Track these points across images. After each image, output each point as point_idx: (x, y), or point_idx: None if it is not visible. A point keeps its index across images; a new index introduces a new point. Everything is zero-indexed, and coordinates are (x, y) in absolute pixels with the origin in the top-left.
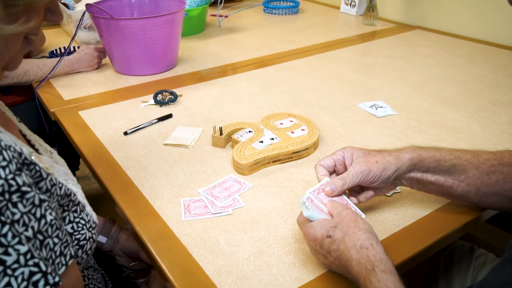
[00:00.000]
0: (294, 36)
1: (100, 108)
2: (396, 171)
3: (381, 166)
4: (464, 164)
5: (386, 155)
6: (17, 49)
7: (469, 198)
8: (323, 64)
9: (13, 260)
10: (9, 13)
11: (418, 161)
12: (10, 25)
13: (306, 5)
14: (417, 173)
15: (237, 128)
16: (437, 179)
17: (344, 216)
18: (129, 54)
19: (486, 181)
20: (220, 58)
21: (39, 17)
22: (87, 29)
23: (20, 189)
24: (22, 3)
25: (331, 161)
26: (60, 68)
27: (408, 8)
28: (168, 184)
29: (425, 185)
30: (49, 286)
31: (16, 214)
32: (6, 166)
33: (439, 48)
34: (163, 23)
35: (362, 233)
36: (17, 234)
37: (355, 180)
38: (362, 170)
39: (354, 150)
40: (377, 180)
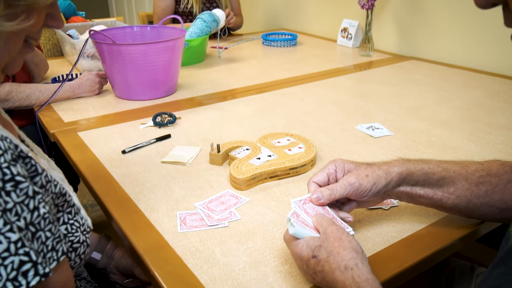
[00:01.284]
0: (292, 65)
1: (99, 130)
2: (386, 186)
3: (372, 180)
4: (453, 176)
5: (376, 169)
6: (17, 50)
7: (460, 210)
8: (320, 90)
9: (3, 248)
10: (9, 11)
11: (407, 174)
12: (10, 22)
13: (304, 38)
14: (406, 187)
15: (234, 146)
16: (426, 192)
17: (329, 234)
18: (130, 79)
19: (476, 192)
20: (219, 85)
21: (40, 19)
22: (89, 58)
23: (14, 179)
24: (24, 3)
25: (324, 175)
26: (61, 93)
27: (403, 39)
28: (164, 199)
29: (414, 198)
30: (39, 276)
31: (9, 203)
32: (1, 155)
33: (433, 76)
34: (164, 49)
35: (346, 252)
36: (8, 222)
37: (343, 192)
38: (352, 183)
39: (344, 163)
40: (367, 194)
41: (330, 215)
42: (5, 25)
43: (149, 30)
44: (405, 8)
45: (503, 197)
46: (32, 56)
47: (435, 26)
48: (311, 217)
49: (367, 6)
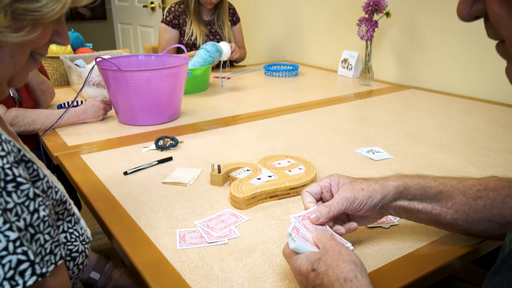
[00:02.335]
0: (293, 94)
1: (102, 153)
2: (382, 199)
3: (367, 194)
4: (450, 190)
5: (372, 182)
6: (23, 63)
7: (459, 226)
8: (320, 116)
9: (2, 247)
10: (15, 23)
11: (404, 188)
12: (15, 33)
13: (305, 69)
14: (403, 201)
15: (235, 167)
16: (425, 206)
17: (328, 248)
18: (134, 105)
19: (474, 206)
20: (221, 111)
21: (46, 34)
22: (95, 86)
23: (16, 180)
24: (30, 18)
25: (318, 187)
26: (66, 118)
27: (402, 69)
28: (164, 217)
29: (413, 213)
30: (36, 276)
31: (9, 203)
32: (4, 156)
33: (433, 104)
34: (168, 75)
35: (346, 265)
36: (8, 221)
37: (341, 207)
38: (348, 197)
39: (340, 178)
40: (363, 207)
41: (329, 231)
42: (10, 36)
43: (154, 58)
44: (403, 38)
45: (501, 212)
46: (39, 83)
47: (434, 56)
48: (311, 232)
49: (366, 37)
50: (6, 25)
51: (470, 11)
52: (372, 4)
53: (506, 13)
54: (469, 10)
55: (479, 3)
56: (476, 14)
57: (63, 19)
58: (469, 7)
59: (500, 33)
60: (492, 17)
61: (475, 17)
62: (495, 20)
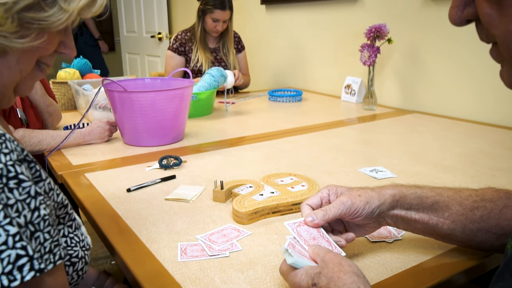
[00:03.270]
0: (297, 118)
1: (106, 171)
2: (380, 206)
3: (364, 200)
4: (447, 201)
5: (369, 190)
6: (28, 71)
7: (456, 237)
8: (324, 138)
9: (2, 241)
10: (22, 30)
11: (400, 197)
12: (21, 39)
13: (309, 94)
14: (400, 211)
15: (238, 184)
16: (421, 217)
17: (327, 261)
18: (139, 126)
19: (471, 217)
20: (226, 134)
21: (52, 43)
22: (101, 109)
23: (18, 177)
24: (37, 26)
25: (318, 199)
26: (72, 139)
27: (405, 94)
28: (166, 231)
29: (410, 223)
30: (34, 271)
31: (10, 199)
32: (8, 154)
33: (436, 127)
34: (173, 97)
35: (347, 277)
36: (8, 216)
37: (337, 212)
38: (344, 202)
39: (337, 187)
40: (360, 214)
41: (325, 238)
42: (16, 42)
43: (159, 82)
44: (405, 64)
45: (499, 223)
46: (47, 105)
47: (436, 81)
48: (307, 246)
49: (369, 62)
50: (13, 31)
51: (461, 15)
52: (374, 30)
53: (496, 12)
54: (461, 14)
55: (469, 7)
56: (467, 17)
57: (70, 30)
58: (461, 11)
59: (491, 34)
60: (483, 18)
61: (466, 21)
62: (485, 20)
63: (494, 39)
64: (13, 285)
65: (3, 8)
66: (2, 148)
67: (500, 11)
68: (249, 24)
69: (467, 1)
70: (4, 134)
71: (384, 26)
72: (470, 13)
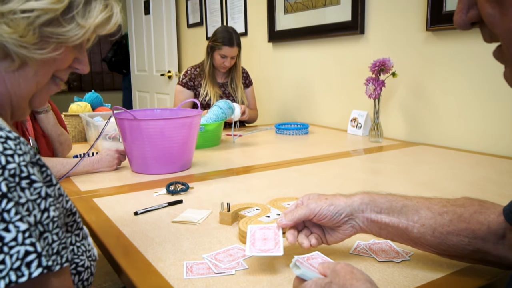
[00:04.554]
0: (304, 149)
1: (113, 197)
2: (347, 208)
3: (329, 202)
4: (416, 205)
5: (338, 195)
6: (44, 83)
7: (427, 240)
8: (331, 168)
9: (12, 238)
10: (42, 43)
11: (370, 201)
12: (41, 51)
13: (315, 128)
14: (370, 214)
15: (244, 207)
16: (391, 220)
17: (339, 270)
18: (148, 154)
19: (440, 221)
20: (233, 163)
21: (67, 58)
22: (111, 139)
23: (30, 177)
24: (55, 40)
25: (294, 205)
26: (81, 167)
27: (411, 127)
28: (172, 251)
29: (381, 227)
30: (41, 268)
31: (22, 198)
32: (22, 155)
33: (443, 158)
34: (181, 125)
35: (360, 283)
36: (19, 213)
37: (302, 212)
38: (309, 204)
39: (311, 195)
40: (326, 215)
41: (276, 240)
42: (36, 53)
43: (168, 112)
44: (410, 97)
45: (469, 226)
46: (58, 135)
47: (441, 113)
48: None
49: (374, 95)
50: (33, 42)
51: (466, 18)
52: (378, 64)
53: (498, 12)
54: (465, 17)
55: (473, 10)
56: (471, 20)
57: (85, 48)
58: (465, 14)
59: (495, 33)
60: (485, 19)
61: (471, 24)
62: (488, 21)
63: (497, 40)
64: (20, 281)
65: (26, 21)
66: (17, 150)
67: (501, 10)
68: (256, 60)
69: (470, 4)
70: (19, 137)
71: (388, 60)
72: (474, 15)
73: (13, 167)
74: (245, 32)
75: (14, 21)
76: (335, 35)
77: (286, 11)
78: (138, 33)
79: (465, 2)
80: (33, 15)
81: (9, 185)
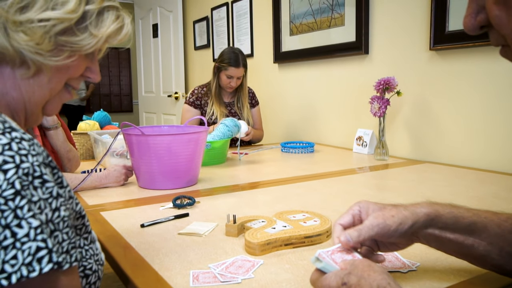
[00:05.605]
0: (310, 166)
1: (120, 210)
2: (413, 226)
3: (398, 220)
4: (484, 222)
5: (402, 209)
6: (58, 90)
7: (492, 260)
8: (336, 184)
9: (24, 233)
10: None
11: (435, 216)
12: (56, 57)
13: (320, 147)
14: (434, 230)
15: (250, 219)
16: (456, 237)
17: (357, 263)
18: (154, 169)
19: (509, 239)
20: (239, 179)
21: (80, 66)
22: (118, 156)
23: (43, 177)
24: (69, 49)
25: (350, 217)
26: (89, 182)
27: (416, 145)
28: (179, 261)
29: (443, 243)
30: (52, 263)
31: (34, 196)
32: (35, 155)
33: (449, 175)
34: (188, 141)
35: (377, 274)
36: (32, 210)
37: (371, 233)
38: (378, 223)
39: (369, 204)
40: (394, 234)
41: (357, 258)
42: (51, 60)
43: (175, 128)
44: (415, 115)
45: None
46: (67, 151)
47: (446, 131)
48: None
49: (379, 113)
50: (49, 49)
51: (475, 22)
52: (383, 83)
53: (505, 13)
54: (474, 21)
55: (481, 14)
56: (480, 23)
57: (96, 57)
58: (474, 19)
59: (502, 34)
60: (493, 21)
61: (480, 28)
62: (496, 22)
63: (505, 42)
64: (31, 276)
65: (43, 30)
66: (30, 150)
67: (508, 12)
68: (262, 81)
69: (479, 9)
70: (33, 139)
71: (392, 79)
72: (483, 19)
73: (27, 166)
74: (251, 53)
75: (31, 30)
76: (340, 55)
77: (291, 33)
78: (146, 55)
79: (474, 7)
80: (49, 24)
81: (22, 183)
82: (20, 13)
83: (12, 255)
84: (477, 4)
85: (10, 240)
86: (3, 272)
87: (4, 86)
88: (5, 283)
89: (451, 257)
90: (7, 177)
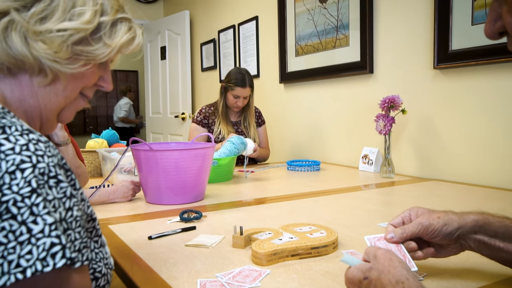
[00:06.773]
0: (316, 183)
1: (128, 224)
2: (459, 229)
3: (442, 221)
4: None
5: (451, 213)
6: (72, 98)
7: None
8: (343, 200)
9: (39, 230)
10: (73, 58)
11: (484, 223)
12: (72, 65)
13: (326, 165)
14: (484, 236)
15: (257, 231)
16: (507, 246)
17: (379, 257)
18: (162, 184)
19: None
20: (245, 195)
21: (94, 75)
22: (126, 172)
23: (57, 177)
24: (84, 57)
25: (399, 219)
26: (97, 197)
27: (422, 163)
28: (186, 270)
29: (494, 251)
30: (65, 259)
31: (49, 195)
32: (50, 157)
33: (456, 192)
34: (195, 156)
35: (397, 270)
36: (47, 207)
37: (414, 231)
38: (422, 222)
39: (419, 208)
40: (438, 234)
41: (402, 252)
42: (68, 67)
43: (183, 144)
44: (420, 133)
45: None
46: (76, 167)
47: (451, 148)
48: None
49: (384, 131)
50: (66, 57)
51: (494, 29)
52: (388, 101)
53: None
54: (493, 28)
55: (500, 21)
56: (499, 30)
57: (109, 67)
58: (493, 26)
59: None
60: (508, 27)
61: (499, 34)
62: (510, 28)
63: None
64: (45, 270)
65: (61, 39)
66: (46, 151)
67: None
68: (269, 101)
69: (497, 17)
70: (49, 141)
71: (397, 97)
72: (501, 26)
73: (43, 166)
74: (257, 74)
75: (50, 39)
76: (345, 75)
77: (297, 54)
78: (154, 77)
79: (493, 15)
80: (66, 34)
81: (38, 182)
82: (40, 23)
83: (28, 250)
84: (496, 12)
85: (26, 236)
86: (19, 266)
87: (21, 93)
88: (21, 276)
89: (458, 269)
90: (24, 176)
